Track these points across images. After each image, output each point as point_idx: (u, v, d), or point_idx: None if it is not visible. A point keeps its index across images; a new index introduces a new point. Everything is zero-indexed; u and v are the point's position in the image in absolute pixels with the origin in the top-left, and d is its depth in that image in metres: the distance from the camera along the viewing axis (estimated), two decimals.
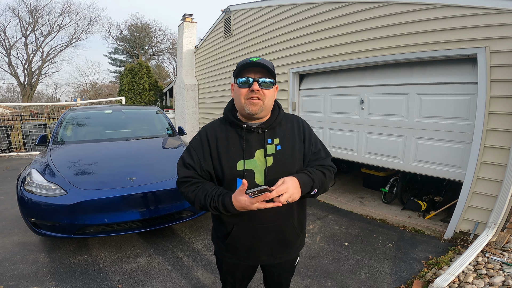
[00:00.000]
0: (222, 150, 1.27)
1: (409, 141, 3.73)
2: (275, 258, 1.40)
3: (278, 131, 1.31)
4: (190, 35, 9.61)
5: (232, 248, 1.38)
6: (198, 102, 9.60)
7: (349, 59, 4.22)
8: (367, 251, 3.04)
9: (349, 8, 4.15)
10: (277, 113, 1.32)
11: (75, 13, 26.37)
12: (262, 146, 1.27)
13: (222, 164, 1.26)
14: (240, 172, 1.24)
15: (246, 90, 1.20)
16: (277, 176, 1.21)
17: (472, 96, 3.14)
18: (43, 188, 2.83)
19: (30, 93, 23.17)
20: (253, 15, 6.27)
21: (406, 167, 3.83)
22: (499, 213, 2.90)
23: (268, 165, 1.25)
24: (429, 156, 3.56)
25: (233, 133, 1.29)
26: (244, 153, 1.25)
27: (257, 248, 1.35)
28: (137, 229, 2.94)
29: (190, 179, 1.29)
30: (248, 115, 1.23)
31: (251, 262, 1.42)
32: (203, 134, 1.33)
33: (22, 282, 2.51)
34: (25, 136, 8.97)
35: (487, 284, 2.27)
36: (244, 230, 1.31)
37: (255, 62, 1.18)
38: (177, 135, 4.49)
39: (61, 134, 4.02)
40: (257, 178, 1.26)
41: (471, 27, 3.00)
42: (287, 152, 1.28)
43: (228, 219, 1.32)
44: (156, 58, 30.71)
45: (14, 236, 3.38)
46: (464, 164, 3.24)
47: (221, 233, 1.39)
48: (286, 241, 1.37)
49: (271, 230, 1.31)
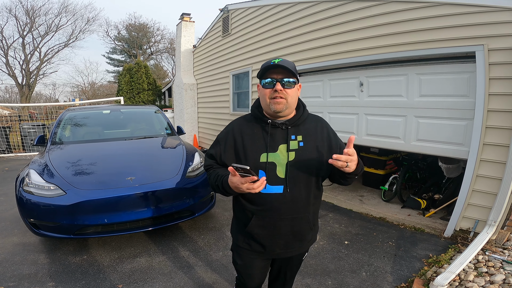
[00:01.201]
0: (247, 142, 1.36)
1: (410, 120, 3.69)
2: (289, 251, 1.47)
3: (302, 129, 1.38)
4: (188, 34, 9.59)
5: (249, 239, 1.44)
6: (197, 102, 9.58)
7: (347, 57, 4.21)
8: (367, 250, 3.04)
9: (346, 7, 4.14)
10: (301, 111, 1.40)
11: (72, 13, 26.31)
12: (285, 141, 1.34)
13: (247, 155, 1.34)
14: (263, 164, 1.32)
15: (270, 90, 1.29)
16: (298, 171, 1.33)
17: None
18: (42, 189, 2.82)
19: (28, 93, 23.11)
20: (251, 14, 6.26)
21: (408, 147, 3.78)
22: (499, 211, 2.90)
23: (290, 160, 1.32)
24: (430, 135, 3.52)
25: (258, 128, 1.38)
26: (267, 147, 1.33)
27: (273, 239, 1.41)
28: (136, 229, 2.93)
29: (211, 165, 1.44)
30: (274, 113, 1.32)
31: (266, 255, 1.48)
32: (229, 128, 1.44)
33: (22, 283, 2.50)
34: (23, 137, 8.95)
35: (488, 282, 2.27)
36: (262, 220, 1.37)
37: (277, 64, 1.26)
38: (176, 134, 4.48)
39: (59, 134, 4.00)
40: (278, 171, 1.33)
41: (469, 25, 3.00)
42: (309, 149, 1.35)
43: (248, 208, 1.39)
44: (154, 58, 30.71)
45: (13, 236, 3.37)
46: (467, 142, 3.18)
47: (241, 221, 1.46)
48: (300, 235, 1.43)
49: (287, 223, 1.37)
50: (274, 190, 1.32)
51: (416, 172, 4.74)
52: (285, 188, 1.32)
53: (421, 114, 3.60)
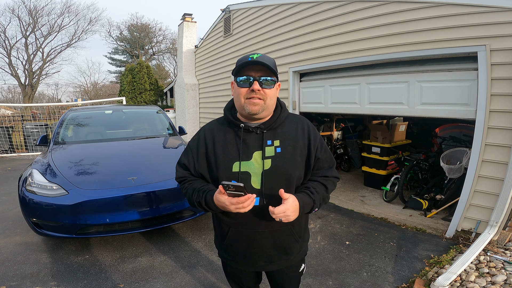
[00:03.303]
0: (218, 150, 1.23)
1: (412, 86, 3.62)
2: (274, 264, 1.34)
3: (280, 132, 1.24)
4: (190, 34, 9.61)
5: (230, 251, 1.35)
6: (199, 102, 9.60)
7: (349, 57, 4.21)
8: (369, 250, 3.04)
9: (348, 7, 4.14)
10: (279, 112, 1.26)
11: (75, 13, 26.47)
12: (260, 147, 1.20)
13: (218, 164, 1.22)
14: (236, 174, 1.19)
15: (246, 89, 1.15)
16: (275, 181, 1.19)
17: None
18: (45, 188, 2.83)
19: (31, 93, 23.21)
20: (253, 14, 6.27)
21: (412, 112, 3.69)
22: (501, 212, 2.89)
23: (266, 168, 1.19)
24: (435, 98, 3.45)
25: (231, 133, 1.24)
26: (240, 154, 1.20)
27: (253, 253, 1.30)
28: (138, 229, 2.94)
29: (185, 178, 1.31)
30: (249, 115, 1.18)
31: (250, 267, 1.37)
32: (201, 135, 1.31)
33: (24, 282, 2.52)
34: (26, 137, 8.98)
35: (489, 283, 2.26)
36: (239, 234, 1.28)
37: (255, 60, 1.11)
38: (177, 134, 4.49)
39: (62, 134, 4.02)
40: (253, 182, 1.20)
41: (472, 25, 2.99)
42: (287, 156, 1.21)
43: (224, 221, 1.29)
44: (156, 58, 30.75)
45: (16, 236, 3.39)
46: (472, 101, 3.10)
47: (219, 234, 1.37)
48: (284, 248, 1.31)
49: (266, 236, 1.26)
50: None
51: (417, 172, 4.73)
52: (261, 200, 1.19)
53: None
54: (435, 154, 4.78)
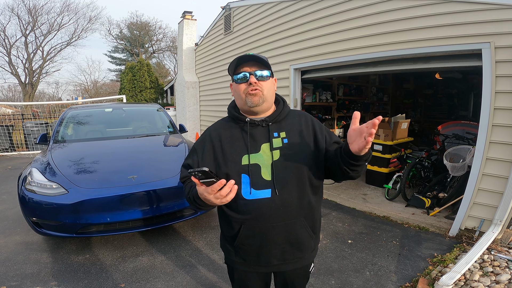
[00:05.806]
0: (226, 146, 1.25)
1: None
2: (286, 264, 1.32)
3: (284, 125, 1.28)
4: (190, 32, 9.56)
5: (242, 252, 1.31)
6: (199, 100, 9.56)
7: (351, 54, 4.16)
8: (371, 249, 3.01)
9: (350, 4, 4.09)
10: (282, 106, 1.31)
11: (75, 12, 26.45)
12: (267, 139, 1.24)
13: (227, 159, 1.23)
14: (245, 167, 1.21)
15: (244, 84, 1.22)
16: (286, 171, 1.21)
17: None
18: (44, 187, 2.81)
19: (31, 92, 23.19)
20: (253, 12, 6.22)
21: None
22: (505, 210, 2.86)
23: (275, 159, 1.22)
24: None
25: (237, 128, 1.28)
26: (248, 147, 1.23)
27: (267, 250, 1.27)
28: (139, 228, 2.92)
29: (187, 178, 1.30)
30: (251, 108, 1.22)
31: (263, 268, 1.33)
32: (206, 135, 1.33)
33: (24, 282, 2.50)
34: (26, 135, 8.97)
35: (494, 282, 2.24)
36: (252, 230, 1.25)
37: (247, 55, 1.21)
38: (178, 132, 4.46)
39: (61, 132, 3.99)
40: (263, 173, 1.22)
41: (476, 22, 2.95)
42: (295, 145, 1.24)
43: (235, 218, 1.27)
44: (156, 56, 30.70)
45: (16, 235, 3.37)
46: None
47: (229, 234, 1.32)
48: (298, 243, 1.29)
49: (280, 230, 1.24)
50: (261, 195, 1.20)
51: (420, 170, 4.70)
52: (273, 191, 1.20)
53: None
54: (437, 151, 4.75)
